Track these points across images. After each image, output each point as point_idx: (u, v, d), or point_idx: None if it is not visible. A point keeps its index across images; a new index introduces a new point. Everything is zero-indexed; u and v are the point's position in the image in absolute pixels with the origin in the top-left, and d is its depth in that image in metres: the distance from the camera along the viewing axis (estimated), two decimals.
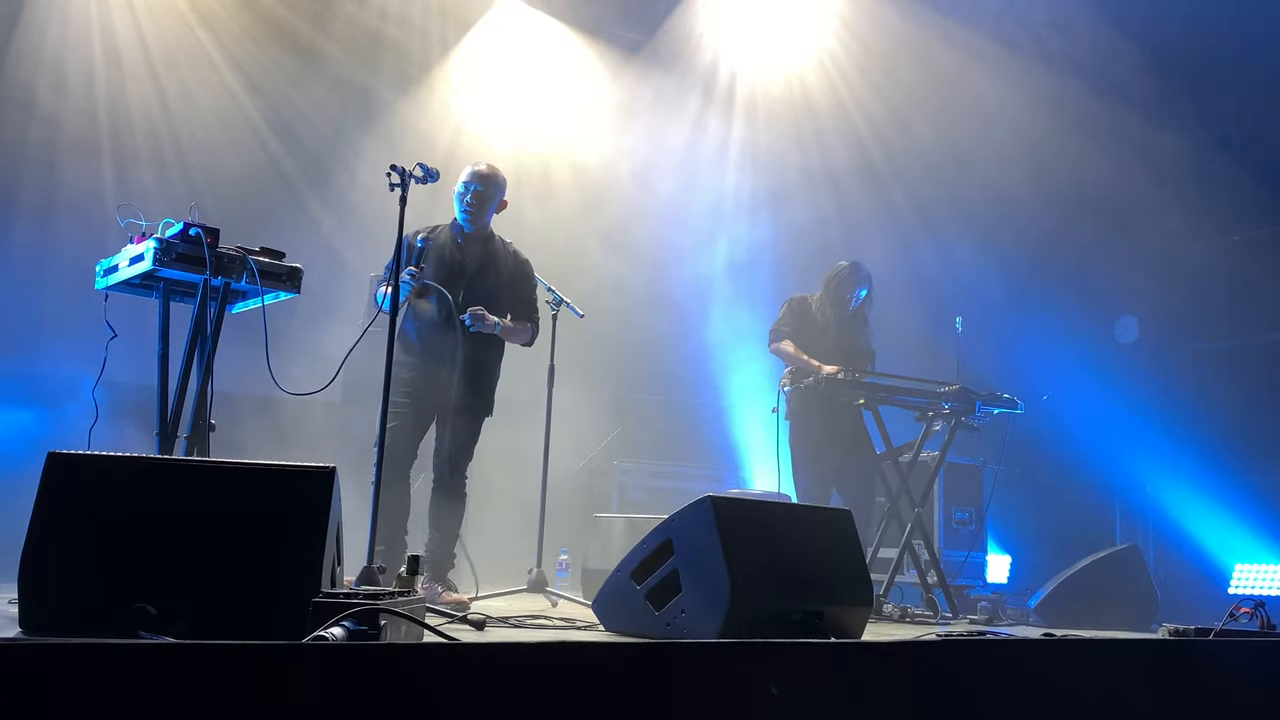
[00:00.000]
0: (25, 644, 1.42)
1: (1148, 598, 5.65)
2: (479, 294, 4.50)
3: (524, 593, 4.70)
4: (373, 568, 3.35)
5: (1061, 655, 2.64)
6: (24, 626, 2.40)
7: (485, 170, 4.57)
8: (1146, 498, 7.48)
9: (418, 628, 2.37)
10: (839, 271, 5.92)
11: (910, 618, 5.04)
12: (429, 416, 4.52)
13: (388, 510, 4.15)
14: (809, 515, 3.72)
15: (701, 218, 8.48)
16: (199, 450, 3.56)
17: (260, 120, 7.44)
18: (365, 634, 2.00)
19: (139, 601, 2.30)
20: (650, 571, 3.27)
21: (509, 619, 3.62)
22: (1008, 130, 7.44)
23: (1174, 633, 3.54)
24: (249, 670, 1.52)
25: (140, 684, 1.44)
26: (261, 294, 3.64)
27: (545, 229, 7.06)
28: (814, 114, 8.52)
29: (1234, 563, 6.79)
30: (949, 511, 6.41)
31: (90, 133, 6.74)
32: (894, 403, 5.61)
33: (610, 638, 3.31)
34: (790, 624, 3.09)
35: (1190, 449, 7.15)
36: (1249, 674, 2.98)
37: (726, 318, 8.05)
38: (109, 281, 3.73)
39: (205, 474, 2.66)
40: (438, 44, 8.27)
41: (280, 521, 2.56)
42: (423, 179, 3.69)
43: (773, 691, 1.93)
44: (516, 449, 5.57)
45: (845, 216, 8.32)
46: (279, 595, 2.41)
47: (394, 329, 3.72)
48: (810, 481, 5.71)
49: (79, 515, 2.47)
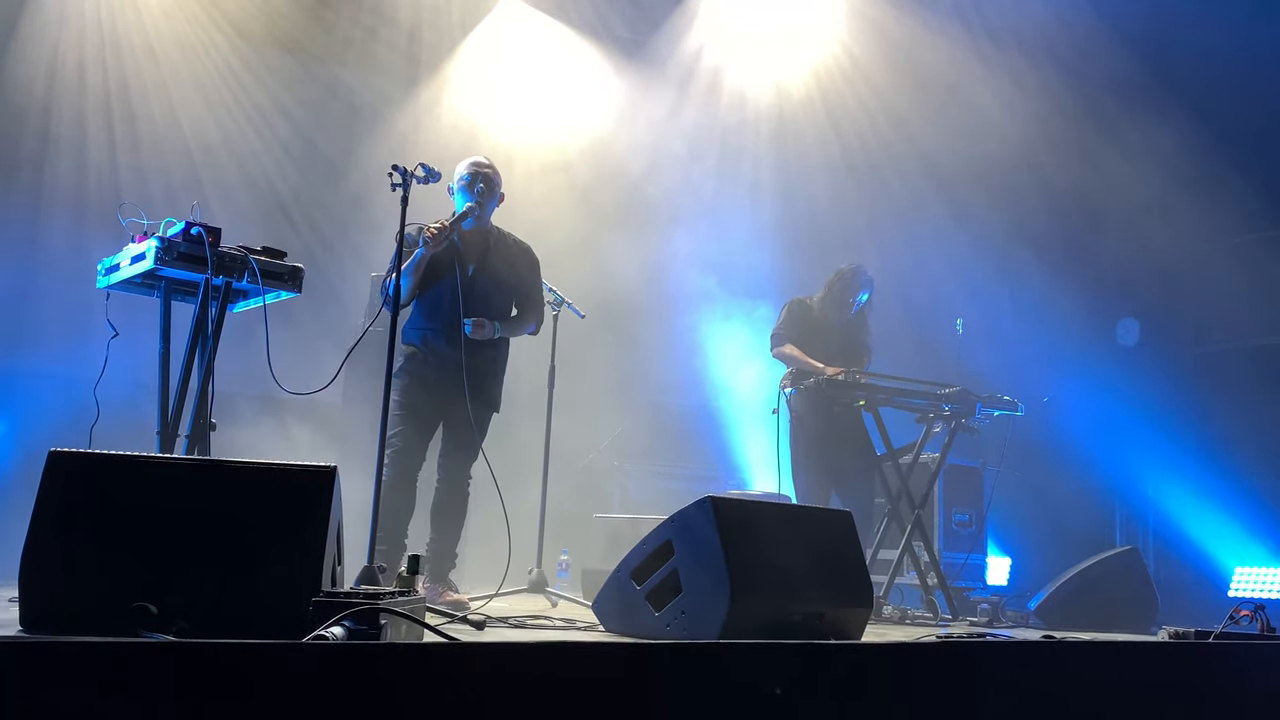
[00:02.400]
0: (26, 642, 1.43)
1: (1148, 600, 5.65)
2: (481, 287, 4.49)
3: (524, 593, 4.70)
4: (373, 567, 3.35)
5: (1061, 658, 2.64)
6: (25, 625, 2.40)
7: (487, 163, 4.57)
8: (1147, 500, 7.47)
9: (418, 627, 2.37)
10: (841, 275, 5.91)
11: (910, 619, 5.04)
12: (435, 417, 4.51)
13: (390, 510, 4.15)
14: (809, 516, 3.72)
15: (702, 218, 8.48)
16: (200, 449, 3.56)
17: (262, 119, 7.44)
18: (365, 633, 2.00)
19: (139, 600, 2.31)
20: (651, 572, 3.27)
21: (509, 619, 3.63)
22: (1010, 132, 7.44)
23: (1174, 635, 3.54)
24: (249, 669, 1.52)
25: (140, 683, 1.44)
26: (263, 293, 3.65)
27: (545, 229, 7.06)
28: (815, 114, 8.52)
29: (1234, 566, 6.78)
30: (949, 513, 6.41)
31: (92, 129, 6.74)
32: (894, 404, 5.61)
33: (610, 638, 3.31)
34: (790, 625, 3.09)
35: (1191, 452, 7.14)
36: (1249, 677, 2.98)
37: (727, 318, 8.05)
38: (110, 280, 3.73)
39: (206, 473, 2.67)
40: (442, 44, 8.27)
41: (281, 521, 2.56)
42: (425, 179, 3.69)
43: (776, 692, 1.93)
44: (518, 449, 5.57)
45: (846, 217, 8.32)
46: (279, 594, 2.41)
47: (395, 326, 3.72)
48: (810, 483, 5.71)
49: (80, 514, 2.48)
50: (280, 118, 7.50)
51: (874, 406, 5.51)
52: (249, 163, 7.23)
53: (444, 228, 4.26)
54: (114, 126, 6.84)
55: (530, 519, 4.97)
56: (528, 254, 4.75)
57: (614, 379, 7.71)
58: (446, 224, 4.28)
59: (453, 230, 4.31)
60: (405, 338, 4.44)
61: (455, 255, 4.43)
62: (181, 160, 6.94)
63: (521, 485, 4.48)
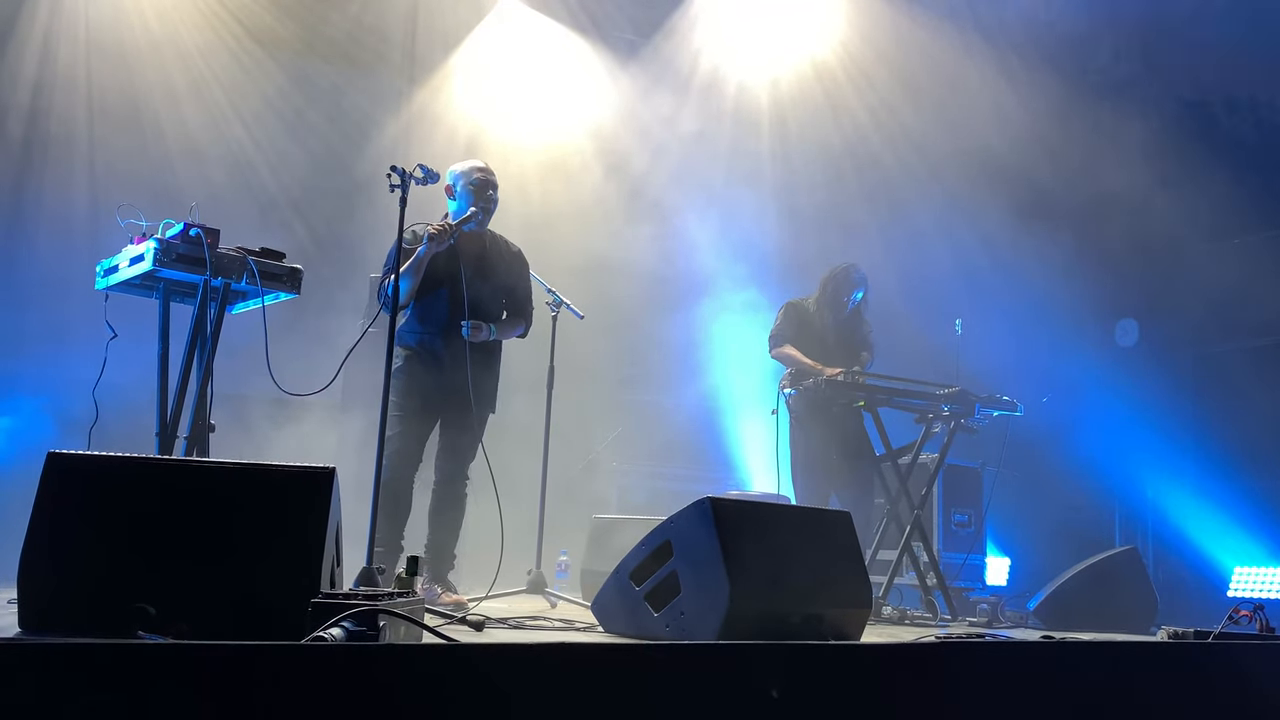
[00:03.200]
0: (25, 644, 1.42)
1: (1147, 600, 5.65)
2: (477, 290, 4.49)
3: (523, 593, 4.70)
4: (372, 568, 3.35)
5: (1060, 658, 2.64)
6: (23, 626, 2.40)
7: (489, 169, 4.58)
8: (1146, 501, 7.47)
9: (416, 629, 2.37)
10: (834, 274, 5.91)
11: (909, 620, 5.04)
12: (432, 418, 4.51)
13: (389, 511, 4.15)
14: (808, 517, 3.72)
15: (700, 217, 8.47)
16: (198, 451, 3.56)
17: (259, 120, 7.43)
18: (364, 635, 2.00)
19: (138, 602, 2.30)
20: (649, 573, 3.27)
21: (508, 620, 3.62)
22: (1010, 132, 7.44)
23: (1173, 635, 3.54)
24: (248, 671, 1.52)
25: (139, 684, 1.44)
26: (261, 295, 3.65)
27: (542, 229, 7.06)
28: (815, 112, 8.52)
29: (1233, 566, 6.79)
30: (948, 513, 6.41)
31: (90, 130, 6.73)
32: (893, 405, 5.61)
33: (609, 639, 3.31)
34: (789, 626, 3.09)
35: (1190, 452, 7.15)
36: (1248, 677, 2.98)
37: (726, 318, 8.05)
38: (109, 282, 3.73)
39: (205, 475, 2.66)
40: (440, 44, 8.27)
41: (279, 522, 2.56)
42: (423, 180, 3.69)
43: (773, 695, 1.93)
44: (516, 449, 5.57)
45: (845, 216, 8.33)
46: (278, 596, 2.41)
47: (393, 327, 3.71)
48: (809, 483, 5.71)
49: (79, 515, 2.48)
50: (278, 119, 7.49)
51: (873, 407, 5.51)
52: (246, 164, 7.22)
53: (447, 227, 4.28)
54: (111, 127, 6.83)
55: (529, 520, 4.96)
56: (519, 258, 4.76)
57: (613, 379, 7.72)
58: (450, 224, 4.30)
59: (455, 231, 4.32)
60: (402, 340, 4.44)
61: (453, 259, 4.43)
62: (179, 161, 6.94)
63: (520, 486, 4.47)
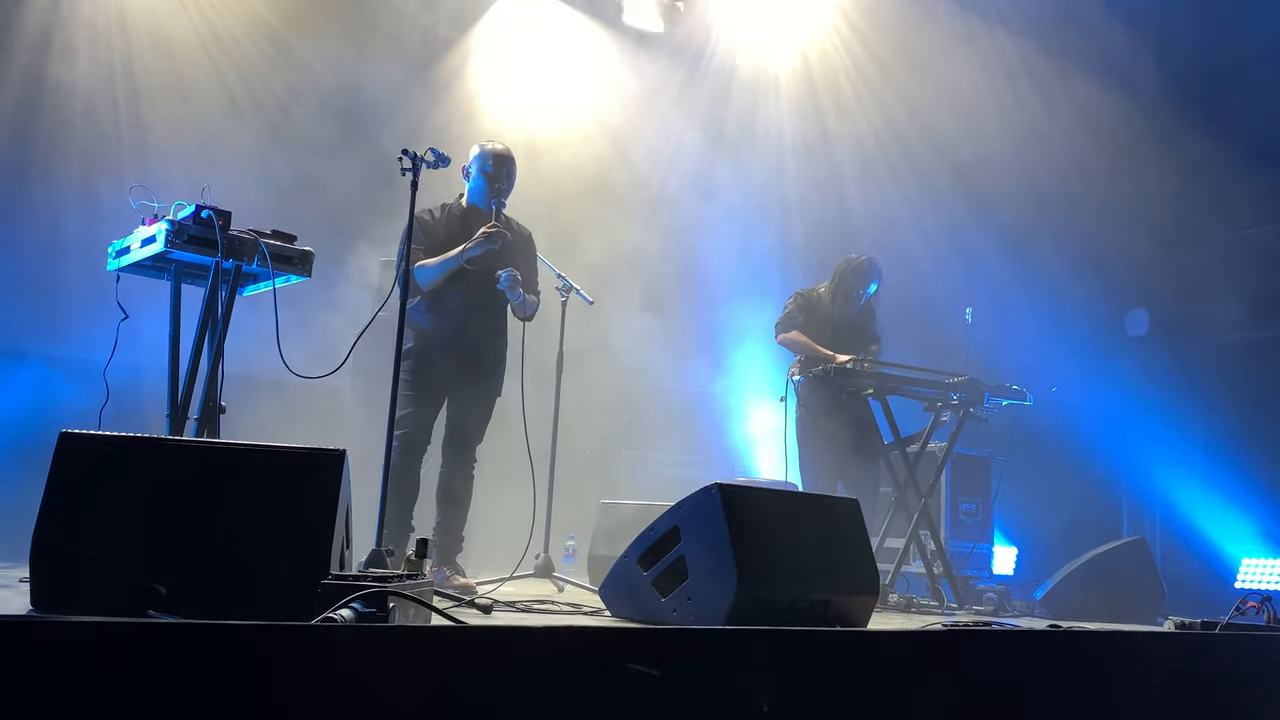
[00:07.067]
0: (37, 622, 1.44)
1: (1154, 591, 5.64)
2: (490, 269, 4.50)
3: (531, 578, 4.72)
4: (381, 550, 3.36)
5: (1067, 647, 2.64)
6: (36, 605, 2.42)
7: (508, 149, 4.60)
8: (1154, 491, 7.45)
9: (425, 611, 2.39)
10: (851, 264, 5.89)
11: (916, 608, 5.05)
12: (440, 400, 4.53)
13: (398, 493, 4.16)
14: (816, 504, 3.72)
15: (709, 205, 8.45)
16: (209, 432, 3.58)
17: (273, 103, 7.43)
18: (373, 616, 2.01)
19: (149, 581, 2.32)
20: (657, 558, 3.28)
21: (516, 603, 3.64)
22: (1022, 122, 7.40)
23: (1180, 626, 3.54)
24: (258, 650, 1.53)
25: (150, 663, 1.46)
26: (273, 277, 3.65)
27: (554, 214, 7.05)
28: (827, 102, 8.49)
29: (1241, 557, 6.78)
30: (956, 502, 6.40)
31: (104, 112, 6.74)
32: (902, 393, 5.60)
33: (616, 623, 3.32)
34: (796, 612, 3.09)
35: (1199, 443, 7.12)
36: (1255, 668, 2.98)
37: (735, 305, 8.03)
38: (121, 263, 3.74)
39: (215, 456, 2.68)
40: (454, 28, 8.25)
41: (290, 503, 2.57)
42: (434, 164, 3.69)
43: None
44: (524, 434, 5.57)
45: (855, 205, 8.29)
46: (288, 576, 2.42)
47: (404, 310, 3.72)
48: (817, 470, 5.71)
49: (90, 496, 2.49)
50: (291, 102, 7.48)
51: (882, 395, 5.50)
52: (258, 147, 7.21)
53: (498, 229, 4.34)
54: (124, 110, 6.84)
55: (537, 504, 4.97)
56: (529, 240, 4.79)
57: (622, 365, 7.71)
58: (498, 226, 4.36)
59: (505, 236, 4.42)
60: (413, 322, 4.45)
61: (466, 239, 4.45)
62: (192, 144, 6.94)
63: (527, 471, 4.48)
